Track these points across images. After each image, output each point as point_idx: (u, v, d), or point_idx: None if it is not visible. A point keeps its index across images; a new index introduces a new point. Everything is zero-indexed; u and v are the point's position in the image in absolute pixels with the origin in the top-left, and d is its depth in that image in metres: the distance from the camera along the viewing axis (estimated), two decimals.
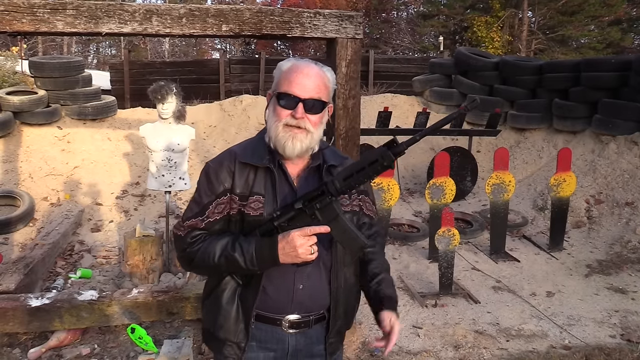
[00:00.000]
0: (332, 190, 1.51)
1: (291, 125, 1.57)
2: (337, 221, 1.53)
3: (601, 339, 3.76)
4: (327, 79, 1.63)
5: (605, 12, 18.27)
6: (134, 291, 3.64)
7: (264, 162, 1.61)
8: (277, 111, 1.60)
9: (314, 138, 1.61)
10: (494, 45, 17.69)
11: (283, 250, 1.51)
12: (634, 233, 5.63)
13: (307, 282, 1.63)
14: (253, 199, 1.60)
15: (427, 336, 3.79)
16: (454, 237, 4.34)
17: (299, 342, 1.68)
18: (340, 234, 1.55)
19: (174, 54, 28.85)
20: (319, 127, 1.62)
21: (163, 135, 4.59)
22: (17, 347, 3.51)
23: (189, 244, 1.63)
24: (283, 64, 1.64)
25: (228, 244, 1.58)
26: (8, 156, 6.81)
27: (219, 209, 1.62)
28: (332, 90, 1.66)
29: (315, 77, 1.59)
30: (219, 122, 8.79)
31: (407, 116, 9.03)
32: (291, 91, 1.56)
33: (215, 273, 1.68)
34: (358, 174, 1.48)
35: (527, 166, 7.92)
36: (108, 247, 5.54)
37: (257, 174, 1.62)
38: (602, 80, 7.47)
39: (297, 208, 1.53)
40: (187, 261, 1.67)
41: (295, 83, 1.56)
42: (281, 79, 1.61)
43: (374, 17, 25.97)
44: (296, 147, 1.57)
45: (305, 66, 1.60)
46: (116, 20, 2.73)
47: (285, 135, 1.57)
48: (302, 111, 1.56)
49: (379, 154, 1.46)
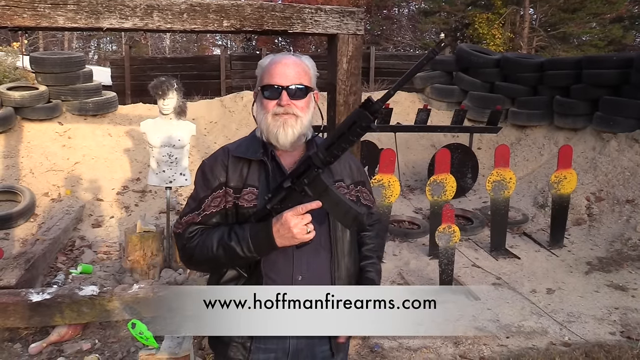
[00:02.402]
0: (317, 162, 1.48)
1: (279, 114, 1.61)
2: (327, 194, 1.51)
3: (601, 336, 3.77)
4: (307, 66, 1.68)
5: (607, 9, 18.21)
6: (134, 287, 3.65)
7: (258, 155, 1.63)
8: (263, 104, 1.64)
9: (304, 123, 1.64)
10: (495, 42, 17.63)
11: (278, 232, 1.51)
12: (634, 230, 5.63)
13: (306, 273, 1.62)
14: (246, 190, 1.62)
15: (427, 332, 3.79)
16: (454, 233, 4.35)
17: (300, 342, 1.65)
18: (333, 207, 1.53)
19: (174, 50, 28.80)
20: (306, 112, 1.65)
21: (164, 131, 4.59)
22: (18, 342, 3.52)
23: (187, 239, 1.65)
24: (262, 61, 1.70)
25: (224, 234, 1.59)
26: (9, 152, 6.82)
27: (215, 202, 1.64)
28: (313, 76, 1.70)
29: (294, 65, 1.64)
30: (220, 118, 8.78)
31: (408, 113, 9.02)
32: (273, 82, 1.61)
33: (217, 268, 1.67)
34: (339, 139, 1.45)
35: (527, 163, 7.92)
36: (109, 243, 5.55)
37: (251, 167, 1.64)
38: (603, 78, 7.46)
39: (286, 187, 1.52)
40: (187, 257, 1.68)
41: (276, 73, 1.62)
42: (262, 74, 1.67)
43: (375, 14, 25.90)
44: (288, 134, 1.60)
45: (282, 57, 1.66)
46: (117, 16, 2.72)
47: (276, 124, 1.61)
48: (287, 98, 1.60)
49: (355, 115, 1.42)
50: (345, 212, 1.54)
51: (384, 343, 3.63)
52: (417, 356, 3.49)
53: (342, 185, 1.70)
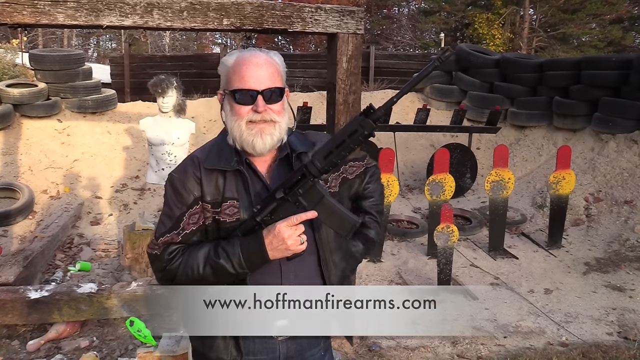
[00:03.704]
0: (313, 172, 1.40)
1: (255, 122, 1.49)
2: (323, 203, 1.44)
3: (598, 337, 3.78)
4: (277, 64, 1.55)
5: (607, 10, 18.22)
6: (133, 284, 3.65)
7: (232, 164, 1.51)
8: (235, 109, 1.51)
9: (282, 127, 1.52)
10: (495, 43, 17.65)
11: (271, 245, 1.43)
12: (632, 231, 5.64)
13: (294, 282, 1.53)
14: (226, 204, 1.50)
15: (424, 332, 3.80)
16: (452, 233, 4.35)
17: (289, 349, 1.59)
18: (329, 216, 1.47)
19: (174, 48, 28.76)
20: (283, 115, 1.53)
21: (163, 129, 4.59)
22: (16, 338, 3.52)
23: (167, 260, 1.51)
24: (227, 60, 1.55)
25: (210, 251, 1.48)
26: (8, 149, 6.81)
27: (194, 219, 1.51)
28: (284, 73, 1.58)
29: (266, 64, 1.51)
30: (219, 117, 8.73)
31: (407, 112, 9.02)
32: (246, 86, 1.48)
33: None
34: (338, 148, 1.37)
35: (526, 164, 7.93)
36: (107, 241, 5.55)
37: (227, 178, 1.52)
38: (602, 79, 7.46)
39: (278, 198, 1.43)
40: (168, 280, 1.55)
41: (248, 76, 1.48)
42: (230, 74, 1.53)
43: (375, 13, 25.90)
44: (267, 142, 1.49)
45: (251, 56, 1.52)
46: (117, 13, 2.72)
47: (252, 132, 1.49)
48: (263, 103, 1.48)
49: (357, 123, 1.36)
50: (341, 221, 1.48)
51: (382, 342, 3.64)
52: (415, 355, 3.50)
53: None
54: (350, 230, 1.50)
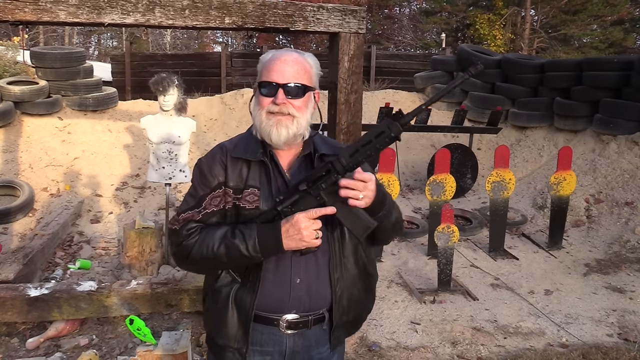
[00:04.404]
0: (338, 168, 1.45)
1: (274, 113, 1.56)
2: (342, 201, 1.47)
3: (598, 338, 3.77)
4: (308, 64, 1.62)
5: (608, 11, 18.22)
6: (132, 283, 3.64)
7: (257, 155, 1.59)
8: (259, 100, 1.60)
9: (301, 123, 1.58)
10: (496, 43, 17.66)
11: (287, 233, 1.47)
12: (633, 233, 5.64)
13: (304, 276, 1.58)
14: (248, 192, 1.57)
15: (425, 332, 3.80)
16: (453, 234, 4.35)
17: (296, 343, 1.63)
18: (346, 215, 1.50)
19: (175, 46, 28.77)
20: (304, 112, 1.59)
21: (164, 127, 4.58)
22: (15, 336, 3.52)
23: (184, 236, 1.58)
24: (264, 57, 1.64)
25: (227, 232, 1.54)
26: (8, 146, 6.81)
27: (215, 201, 1.59)
28: (315, 75, 1.64)
29: (294, 62, 1.58)
30: (220, 116, 8.78)
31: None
32: (271, 78, 1.56)
33: (214, 267, 1.63)
34: (364, 147, 1.44)
35: (527, 164, 7.92)
36: (107, 239, 5.55)
37: (251, 167, 1.60)
38: (603, 80, 7.46)
39: (301, 190, 1.49)
40: (183, 256, 1.60)
41: (274, 70, 1.56)
42: (261, 69, 1.61)
43: (376, 13, 25.90)
44: (282, 134, 1.55)
45: (283, 54, 1.60)
46: (119, 11, 2.71)
47: (269, 122, 1.56)
48: (283, 97, 1.55)
49: (385, 125, 1.42)
50: (358, 221, 1.51)
51: (382, 342, 3.63)
52: (415, 355, 3.49)
53: None
54: (365, 231, 1.53)
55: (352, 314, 1.69)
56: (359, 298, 1.70)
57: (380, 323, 3.91)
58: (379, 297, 4.22)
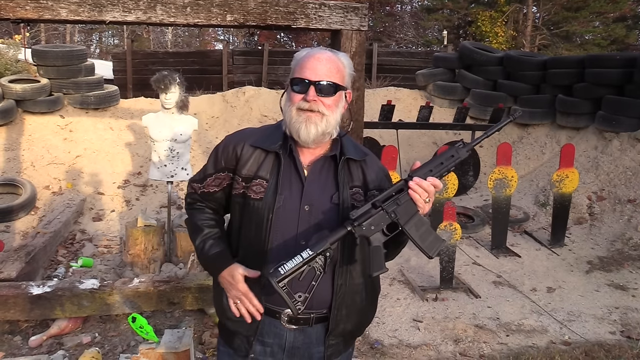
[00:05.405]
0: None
1: (304, 109, 1.56)
2: (416, 218, 1.53)
3: (601, 335, 3.77)
4: (341, 63, 1.62)
5: (611, 8, 18.16)
6: (135, 281, 3.65)
7: (274, 147, 1.61)
8: (290, 96, 1.61)
9: (330, 122, 1.59)
10: (498, 40, 17.61)
11: (223, 278, 1.62)
12: (635, 230, 5.63)
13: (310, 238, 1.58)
14: (256, 182, 1.61)
15: (427, 330, 3.80)
16: (455, 231, 4.34)
17: (297, 339, 1.64)
18: (420, 233, 1.55)
19: (176, 44, 28.76)
20: (334, 111, 1.60)
21: (166, 125, 4.58)
22: (18, 334, 3.52)
23: (188, 203, 1.78)
24: (298, 54, 1.64)
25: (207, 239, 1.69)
26: (10, 144, 6.81)
27: (217, 182, 1.69)
28: (348, 75, 1.64)
29: (327, 61, 1.58)
30: (222, 113, 8.77)
31: (410, 110, 9.00)
32: (303, 75, 1.57)
33: None
34: (438, 167, 1.58)
35: (529, 162, 7.90)
36: (109, 237, 5.55)
37: (266, 158, 1.63)
38: (606, 77, 7.43)
39: (376, 207, 1.53)
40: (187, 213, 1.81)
41: (307, 68, 1.57)
42: (295, 66, 1.62)
43: (377, 10, 25.84)
44: (311, 131, 1.56)
45: (317, 51, 1.61)
46: (120, 9, 2.71)
47: (299, 119, 1.57)
48: (314, 94, 1.55)
49: (455, 150, 1.61)
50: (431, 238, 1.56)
51: (384, 340, 3.63)
52: (417, 353, 3.49)
53: (358, 192, 1.66)
54: (437, 249, 1.58)
55: (351, 323, 1.68)
56: (360, 308, 1.69)
57: (383, 321, 3.91)
58: (381, 295, 4.22)
